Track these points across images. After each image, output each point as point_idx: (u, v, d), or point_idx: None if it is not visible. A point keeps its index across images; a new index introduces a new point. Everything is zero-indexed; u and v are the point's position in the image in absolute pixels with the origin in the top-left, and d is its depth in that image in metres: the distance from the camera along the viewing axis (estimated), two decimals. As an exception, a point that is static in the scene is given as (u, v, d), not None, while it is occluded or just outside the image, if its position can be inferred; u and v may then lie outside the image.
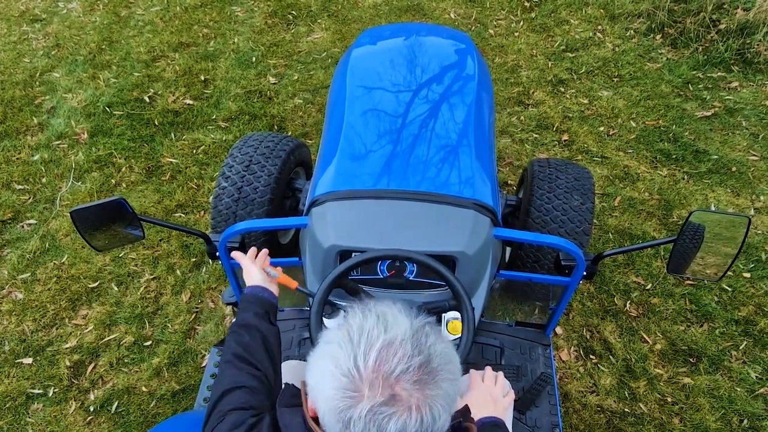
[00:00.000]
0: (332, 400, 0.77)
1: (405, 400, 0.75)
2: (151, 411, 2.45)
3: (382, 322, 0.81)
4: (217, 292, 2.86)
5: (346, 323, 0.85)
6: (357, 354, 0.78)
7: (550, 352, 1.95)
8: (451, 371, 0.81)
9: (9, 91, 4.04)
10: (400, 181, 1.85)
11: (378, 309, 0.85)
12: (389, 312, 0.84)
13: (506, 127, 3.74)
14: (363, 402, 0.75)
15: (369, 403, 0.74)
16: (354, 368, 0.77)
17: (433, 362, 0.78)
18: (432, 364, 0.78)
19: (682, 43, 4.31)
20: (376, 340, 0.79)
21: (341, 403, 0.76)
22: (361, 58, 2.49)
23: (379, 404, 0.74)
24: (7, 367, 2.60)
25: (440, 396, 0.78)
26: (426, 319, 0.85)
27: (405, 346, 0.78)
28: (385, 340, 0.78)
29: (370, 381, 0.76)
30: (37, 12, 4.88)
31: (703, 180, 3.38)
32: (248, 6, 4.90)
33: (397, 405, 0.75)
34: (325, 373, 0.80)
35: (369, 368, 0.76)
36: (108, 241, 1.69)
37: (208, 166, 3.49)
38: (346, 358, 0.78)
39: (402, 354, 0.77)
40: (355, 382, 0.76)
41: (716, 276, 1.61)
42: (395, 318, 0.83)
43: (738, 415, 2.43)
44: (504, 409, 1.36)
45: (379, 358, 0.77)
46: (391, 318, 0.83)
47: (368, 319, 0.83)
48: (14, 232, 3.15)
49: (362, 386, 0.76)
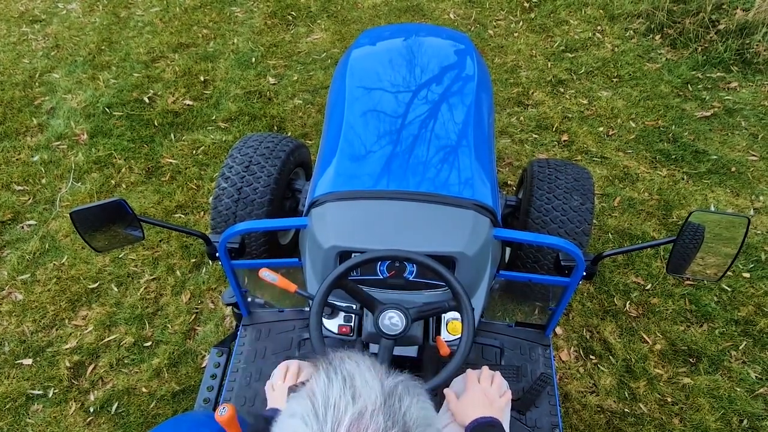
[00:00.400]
0: None
1: None
2: (151, 412, 2.45)
3: (350, 389, 0.72)
4: (217, 293, 2.86)
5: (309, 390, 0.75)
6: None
7: (550, 352, 1.95)
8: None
9: (8, 92, 4.04)
10: (399, 182, 1.85)
11: (345, 369, 0.76)
12: (357, 373, 0.75)
13: (506, 128, 3.74)
14: None
15: None
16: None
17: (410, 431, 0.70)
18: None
19: (681, 44, 4.32)
20: (344, 415, 0.69)
21: None
22: (361, 58, 2.49)
23: None
24: (7, 368, 2.60)
25: None
26: (397, 377, 0.77)
27: (377, 418, 0.68)
28: (353, 414, 0.69)
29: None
30: (36, 13, 4.88)
31: (703, 180, 3.38)
32: (248, 7, 4.90)
33: None
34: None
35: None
36: (108, 242, 1.69)
37: (208, 166, 3.49)
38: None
39: (374, 428, 0.68)
40: None
41: (716, 276, 1.61)
42: (364, 381, 0.73)
43: (738, 415, 2.43)
44: (500, 409, 1.36)
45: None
46: (359, 382, 0.73)
47: (334, 385, 0.73)
48: (14, 233, 3.15)
49: None
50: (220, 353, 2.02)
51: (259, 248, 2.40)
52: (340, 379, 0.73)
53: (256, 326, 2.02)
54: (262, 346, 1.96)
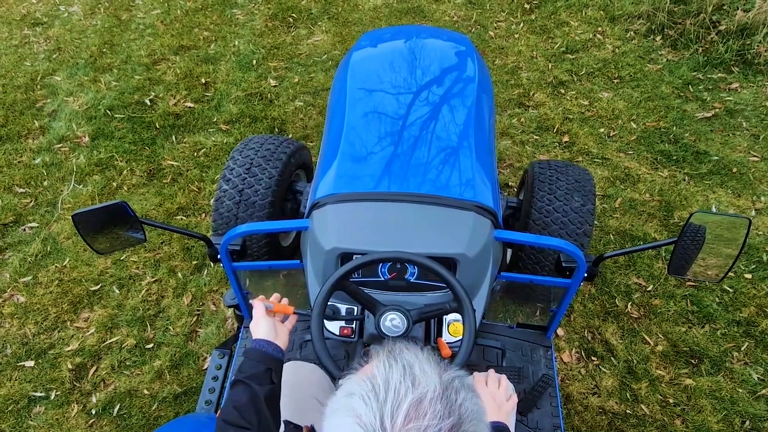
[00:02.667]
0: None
1: None
2: (152, 414, 2.45)
3: (410, 376, 0.75)
4: (218, 295, 2.87)
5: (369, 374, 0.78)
6: (384, 413, 0.71)
7: (551, 353, 1.95)
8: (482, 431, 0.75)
9: (10, 95, 4.05)
10: (400, 184, 1.86)
11: (404, 359, 0.79)
12: (416, 363, 0.78)
13: (506, 129, 3.74)
14: None
15: None
16: (380, 428, 0.70)
17: (464, 424, 0.72)
18: (463, 426, 0.72)
19: (682, 45, 4.32)
20: (404, 398, 0.72)
21: None
22: (362, 60, 2.49)
23: None
24: (9, 370, 2.60)
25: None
26: (455, 372, 0.80)
27: (435, 406, 0.71)
28: (413, 399, 0.72)
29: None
30: (38, 15, 4.90)
31: (704, 181, 3.38)
32: (249, 9, 4.91)
33: None
34: (347, 430, 0.73)
35: (397, 428, 0.69)
36: (110, 244, 1.69)
37: (209, 168, 3.50)
38: (371, 415, 0.71)
39: (432, 414, 0.70)
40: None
41: (717, 277, 1.61)
42: (423, 371, 0.76)
43: (740, 417, 2.43)
44: (507, 413, 1.35)
45: (407, 417, 0.70)
46: (418, 371, 0.76)
47: (394, 371, 0.76)
48: (16, 235, 3.15)
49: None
50: (222, 355, 2.03)
51: (260, 250, 2.41)
52: (400, 366, 0.76)
53: None
54: None
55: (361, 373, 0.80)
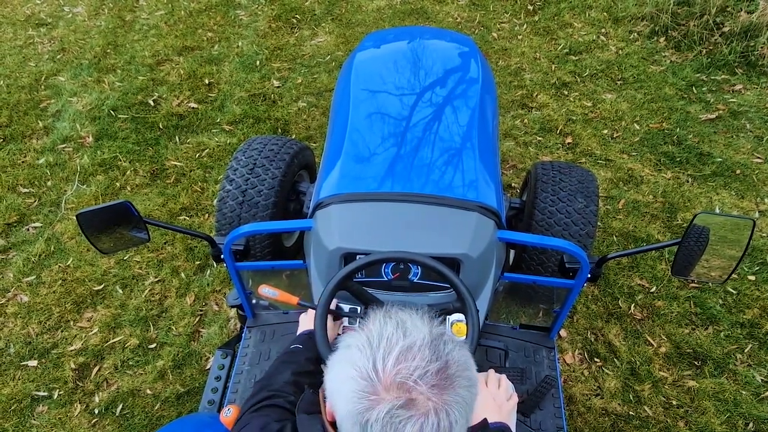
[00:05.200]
0: (350, 403, 0.78)
1: (422, 404, 0.76)
2: (155, 413, 2.45)
3: (401, 329, 0.82)
4: (221, 295, 2.87)
5: (365, 328, 0.86)
6: (376, 358, 0.79)
7: (554, 354, 1.95)
8: (468, 378, 0.82)
9: (15, 95, 4.07)
10: (404, 184, 1.86)
11: (398, 316, 0.86)
12: (409, 319, 0.85)
13: (510, 130, 3.74)
14: (381, 405, 0.76)
15: (387, 405, 0.75)
16: (372, 371, 0.78)
17: (450, 368, 0.79)
18: (449, 370, 0.79)
19: (685, 46, 4.31)
20: (395, 345, 0.80)
21: (359, 405, 0.77)
22: (365, 61, 2.49)
23: (396, 407, 0.75)
24: (12, 369, 2.61)
25: (457, 402, 0.78)
26: (445, 329, 0.86)
27: (423, 352, 0.79)
28: (403, 346, 0.79)
29: (388, 384, 0.77)
30: (42, 16, 4.91)
31: (708, 183, 3.37)
32: (252, 10, 4.92)
33: (414, 409, 0.75)
34: (345, 376, 0.81)
35: (387, 372, 0.77)
36: (113, 244, 1.70)
37: (213, 169, 3.50)
38: (365, 361, 0.79)
39: (420, 359, 0.78)
40: (373, 385, 0.77)
41: (721, 279, 1.60)
42: (414, 324, 0.84)
43: (743, 419, 2.42)
44: (508, 413, 1.35)
45: (397, 362, 0.78)
46: (410, 324, 0.84)
47: (388, 325, 0.84)
48: (20, 235, 3.16)
49: (380, 389, 0.77)
50: (225, 355, 2.03)
51: (263, 250, 2.41)
52: (393, 321, 0.85)
53: (261, 328, 2.03)
54: (266, 347, 1.96)
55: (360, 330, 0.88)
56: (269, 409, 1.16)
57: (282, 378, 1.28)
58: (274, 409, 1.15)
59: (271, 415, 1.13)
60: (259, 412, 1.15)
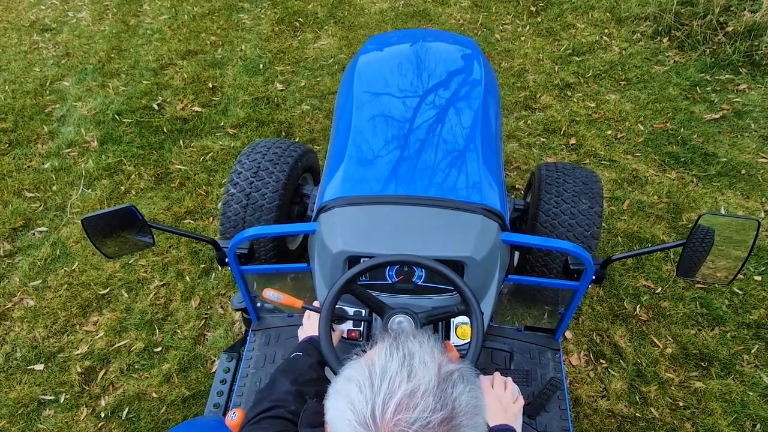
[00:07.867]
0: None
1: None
2: (161, 417, 2.46)
3: (407, 367, 0.77)
4: (226, 298, 2.87)
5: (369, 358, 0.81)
6: (375, 404, 0.74)
7: (559, 356, 1.94)
8: (475, 425, 0.76)
9: (20, 100, 4.09)
10: (407, 187, 1.86)
11: (406, 347, 0.81)
12: (417, 352, 0.80)
13: (513, 132, 3.73)
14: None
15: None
16: (370, 418, 0.73)
17: (456, 418, 0.74)
18: (454, 420, 0.74)
19: (689, 46, 4.30)
20: (397, 390, 0.74)
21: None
22: (368, 64, 2.50)
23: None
24: (18, 373, 2.62)
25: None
26: (456, 365, 0.80)
27: (427, 399, 0.73)
28: (406, 390, 0.74)
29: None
30: (47, 22, 4.94)
31: (712, 183, 3.36)
32: (255, 13, 4.94)
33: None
34: (342, 415, 0.77)
35: (386, 421, 0.72)
36: (118, 248, 1.70)
37: (217, 172, 3.51)
38: (364, 405, 0.74)
39: (422, 408, 0.73)
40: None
41: (726, 279, 1.60)
42: (422, 361, 0.78)
43: (751, 420, 2.40)
44: (514, 415, 1.35)
45: (397, 411, 0.73)
46: (417, 361, 0.78)
47: (393, 360, 0.78)
48: (25, 239, 3.18)
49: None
50: (230, 358, 2.03)
51: (267, 253, 2.41)
52: (400, 355, 0.78)
53: (266, 331, 2.03)
54: (271, 351, 1.97)
55: (366, 357, 0.83)
56: (269, 421, 1.13)
57: (282, 387, 1.25)
58: (274, 421, 1.13)
59: (270, 428, 1.11)
60: (259, 424, 1.13)
